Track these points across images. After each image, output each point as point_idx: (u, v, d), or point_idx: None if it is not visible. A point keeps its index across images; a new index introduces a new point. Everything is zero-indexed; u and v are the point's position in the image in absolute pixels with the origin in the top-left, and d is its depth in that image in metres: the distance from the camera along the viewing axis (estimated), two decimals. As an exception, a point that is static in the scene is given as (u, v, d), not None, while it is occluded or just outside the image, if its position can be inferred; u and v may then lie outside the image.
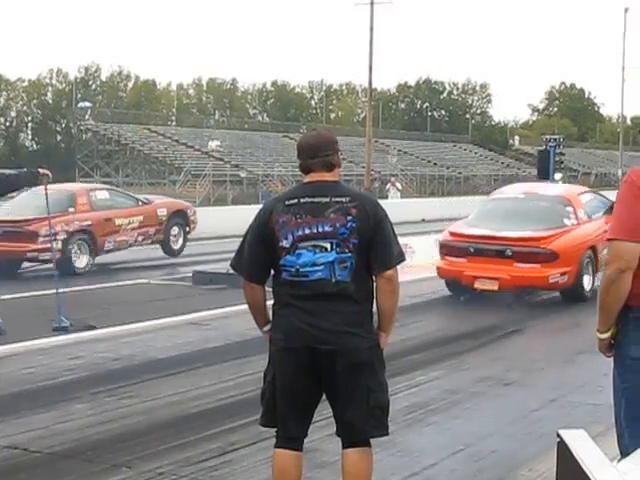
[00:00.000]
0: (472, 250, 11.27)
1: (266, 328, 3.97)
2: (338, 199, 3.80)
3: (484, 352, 8.70)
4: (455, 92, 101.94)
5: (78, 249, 14.55)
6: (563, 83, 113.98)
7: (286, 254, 3.79)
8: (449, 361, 8.18)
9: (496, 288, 11.06)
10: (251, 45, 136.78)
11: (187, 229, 17.12)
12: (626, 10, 64.54)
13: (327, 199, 3.80)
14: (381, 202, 3.99)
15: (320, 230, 3.77)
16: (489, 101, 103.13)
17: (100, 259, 15.27)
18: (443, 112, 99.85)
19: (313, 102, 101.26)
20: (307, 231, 3.77)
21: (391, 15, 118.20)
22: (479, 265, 11.14)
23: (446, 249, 11.77)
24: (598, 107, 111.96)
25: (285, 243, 3.79)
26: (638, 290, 3.50)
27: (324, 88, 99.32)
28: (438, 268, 11.88)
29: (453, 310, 11.33)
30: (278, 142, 61.55)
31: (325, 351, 3.74)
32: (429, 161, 68.57)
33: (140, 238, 15.93)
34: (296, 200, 3.83)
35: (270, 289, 3.92)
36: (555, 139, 25.53)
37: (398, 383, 6.94)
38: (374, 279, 3.85)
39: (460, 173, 66.07)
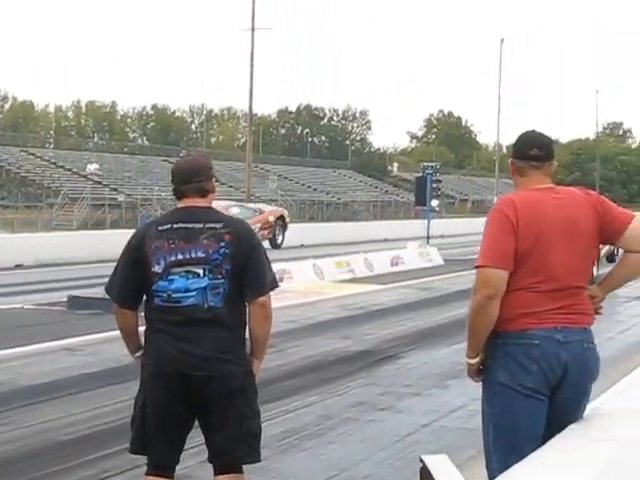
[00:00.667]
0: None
1: (138, 354, 3.96)
2: (211, 225, 3.82)
3: (359, 377, 8.78)
4: (335, 118, 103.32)
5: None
6: (441, 111, 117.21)
7: (158, 279, 3.79)
8: (325, 386, 8.23)
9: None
10: (131, 68, 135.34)
11: (285, 229, 25.63)
12: (502, 40, 66.95)
13: (200, 225, 3.82)
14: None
15: (193, 256, 3.78)
16: (369, 128, 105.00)
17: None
18: (323, 138, 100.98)
19: (193, 126, 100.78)
20: (180, 257, 3.78)
21: (272, 41, 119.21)
22: None
23: None
24: (475, 135, 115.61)
25: (157, 268, 3.78)
26: (505, 316, 3.65)
27: (205, 112, 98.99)
28: None
29: (330, 335, 11.44)
30: (158, 166, 60.83)
31: (198, 377, 3.74)
32: (309, 186, 69.09)
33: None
34: (169, 225, 3.84)
35: (142, 314, 3.90)
36: (432, 166, 26.10)
37: (274, 408, 6.95)
38: (247, 305, 3.87)
39: (339, 199, 66.80)
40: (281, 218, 26.43)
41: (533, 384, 3.61)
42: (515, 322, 3.64)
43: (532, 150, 3.81)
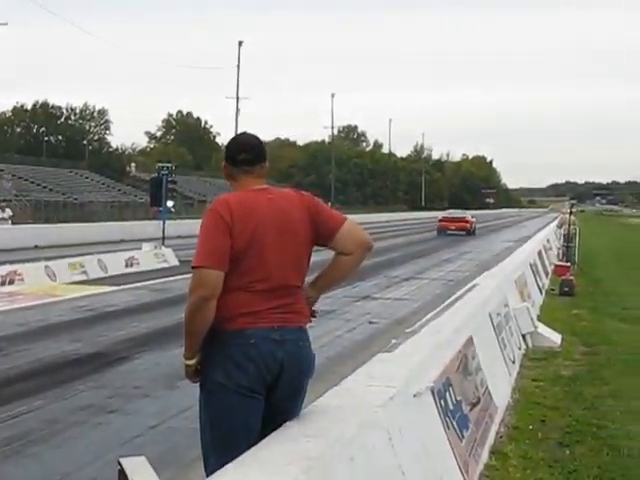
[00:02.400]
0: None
1: None
2: None
3: (89, 380, 8.58)
4: (73, 117, 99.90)
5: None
6: (180, 112, 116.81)
7: None
8: (52, 390, 7.98)
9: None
10: None
11: None
12: (240, 43, 67.81)
13: None
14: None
15: None
16: (107, 127, 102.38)
17: None
18: (60, 137, 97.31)
19: None
20: None
21: (6, 36, 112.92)
22: None
23: None
24: (214, 136, 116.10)
25: None
26: (222, 316, 3.65)
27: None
28: None
29: (61, 338, 11.05)
30: None
31: None
32: (45, 187, 66.35)
33: None
34: None
35: None
36: (167, 167, 25.78)
37: (-3, 415, 6.64)
38: None
39: (76, 199, 64.72)
40: None
41: (250, 383, 3.64)
42: (232, 322, 3.65)
43: (241, 154, 3.83)
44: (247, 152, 3.83)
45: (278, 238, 3.73)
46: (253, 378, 3.64)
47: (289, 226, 3.76)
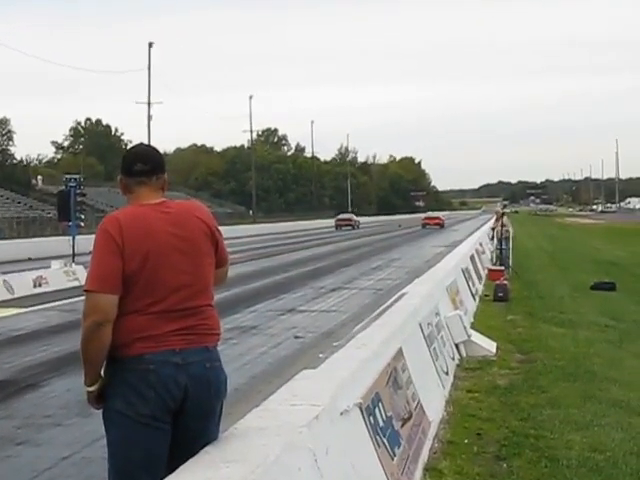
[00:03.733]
0: None
1: None
2: None
3: (-6, 411, 8.38)
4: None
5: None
6: (88, 119, 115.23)
7: None
8: (-46, 424, 7.75)
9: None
10: None
11: None
12: (150, 45, 67.01)
13: None
14: None
15: None
16: (10, 138, 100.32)
17: None
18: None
19: None
20: None
21: None
22: None
23: None
24: (126, 144, 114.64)
25: None
26: (120, 341, 3.61)
27: None
28: None
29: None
30: None
31: None
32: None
33: None
34: None
35: None
36: (76, 178, 25.36)
37: None
38: None
39: (-22, 215, 63.33)
40: None
41: (151, 411, 3.60)
42: (130, 347, 3.61)
43: (136, 165, 3.80)
44: (143, 162, 3.81)
45: (176, 256, 3.69)
46: (154, 405, 3.60)
47: (189, 242, 3.73)
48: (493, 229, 26.51)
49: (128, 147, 4.22)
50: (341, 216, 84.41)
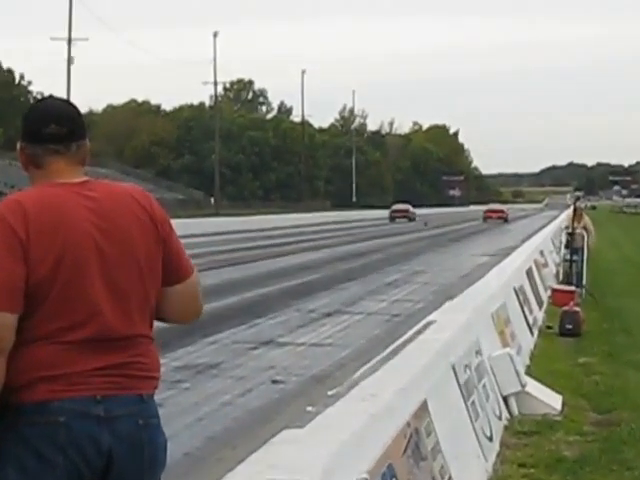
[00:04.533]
0: None
1: None
2: None
3: None
4: None
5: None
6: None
7: None
8: None
9: None
10: None
11: None
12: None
13: None
14: None
15: None
16: None
17: None
18: None
19: None
20: None
21: None
22: None
23: None
24: (35, 98, 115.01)
25: None
26: (16, 381, 3.55)
27: None
28: None
29: None
30: None
31: None
32: None
33: None
34: None
35: None
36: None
37: None
38: None
39: None
40: None
41: None
42: (31, 390, 3.56)
43: (48, 127, 3.72)
44: (58, 123, 3.73)
45: (105, 261, 3.65)
46: (64, 476, 3.55)
47: (123, 243, 3.69)
48: (570, 233, 26.25)
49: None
50: (396, 207, 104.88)
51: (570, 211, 26.95)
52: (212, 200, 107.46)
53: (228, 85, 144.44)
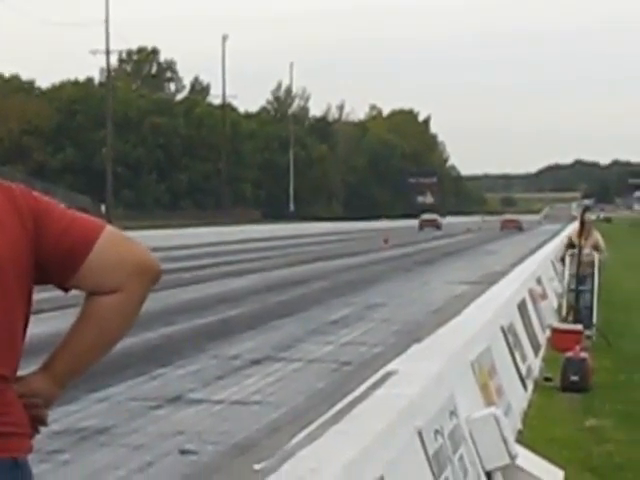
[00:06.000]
0: None
1: None
2: None
3: None
4: None
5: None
6: None
7: None
8: None
9: None
10: None
11: None
12: None
13: None
14: None
15: None
16: None
17: None
18: None
19: None
20: None
21: None
22: None
23: None
24: None
25: None
26: None
27: None
28: None
29: None
30: None
31: None
32: None
33: None
34: None
35: None
36: None
37: None
38: None
39: None
40: None
41: None
42: None
43: None
44: None
45: None
46: None
47: None
48: (571, 246, 26.38)
49: None
50: (426, 216, 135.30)
51: (576, 225, 27.00)
52: (103, 208, 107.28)
53: (125, 55, 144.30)
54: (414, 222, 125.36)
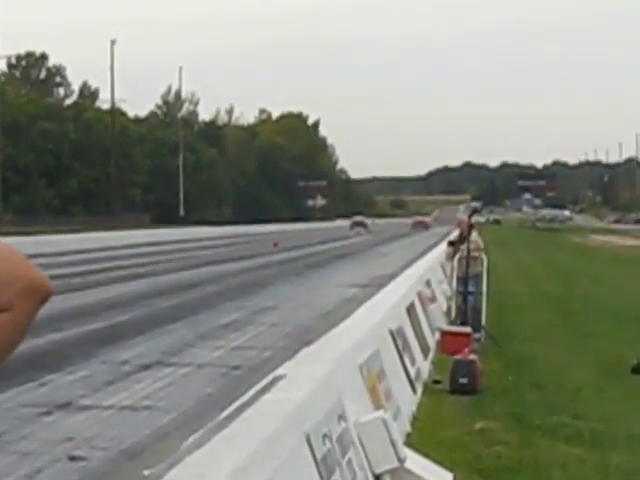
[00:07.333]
0: None
1: None
2: None
3: None
4: None
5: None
6: None
7: None
8: None
9: None
10: None
11: None
12: None
13: None
14: None
15: None
16: None
17: None
18: None
19: None
20: None
21: None
22: None
23: None
24: None
25: None
26: None
27: None
28: None
29: None
30: None
31: None
32: None
33: None
34: None
35: None
36: None
37: None
38: None
39: None
40: None
41: None
42: None
43: None
44: None
45: None
46: None
47: None
48: (452, 253, 26.59)
49: None
50: (357, 218, 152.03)
51: (462, 227, 26.94)
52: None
53: (14, 60, 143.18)
54: (305, 225, 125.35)
